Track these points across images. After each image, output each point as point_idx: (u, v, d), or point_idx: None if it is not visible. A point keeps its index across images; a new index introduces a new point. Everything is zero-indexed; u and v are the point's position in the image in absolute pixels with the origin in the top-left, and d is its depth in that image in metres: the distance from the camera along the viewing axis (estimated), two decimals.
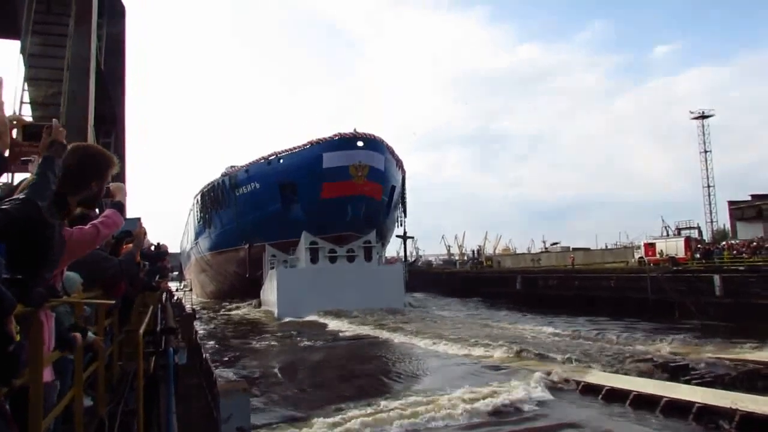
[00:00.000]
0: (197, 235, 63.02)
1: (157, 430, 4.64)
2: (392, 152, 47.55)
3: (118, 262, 4.33)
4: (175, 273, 63.05)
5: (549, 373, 16.57)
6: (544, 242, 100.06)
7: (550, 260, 65.07)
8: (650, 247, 45.63)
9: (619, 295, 37.29)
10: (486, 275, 59.37)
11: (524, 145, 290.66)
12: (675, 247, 43.23)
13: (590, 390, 15.24)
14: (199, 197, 60.33)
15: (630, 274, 39.12)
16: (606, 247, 75.46)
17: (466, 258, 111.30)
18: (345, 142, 44.11)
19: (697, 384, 14.91)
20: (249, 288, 49.24)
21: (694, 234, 51.56)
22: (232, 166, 54.80)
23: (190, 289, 41.45)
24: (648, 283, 35.01)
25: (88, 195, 2.82)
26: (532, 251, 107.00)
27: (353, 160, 43.68)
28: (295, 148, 46.26)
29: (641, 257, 45.52)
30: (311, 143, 45.09)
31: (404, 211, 54.12)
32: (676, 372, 16.62)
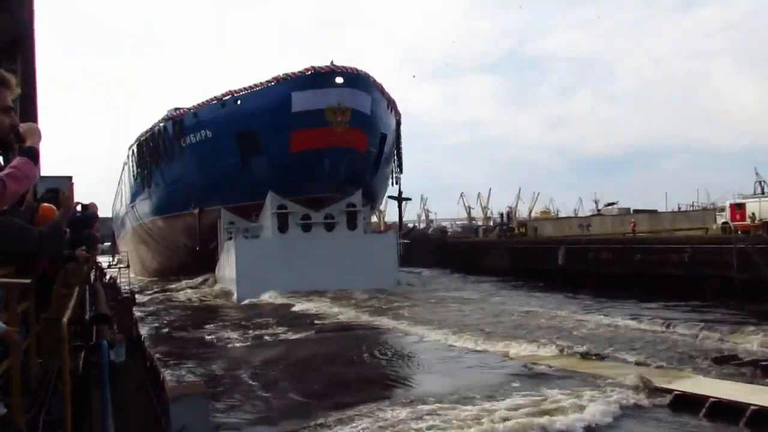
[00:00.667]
0: (134, 196, 63.78)
1: None
2: (382, 91, 48.03)
3: (38, 234, 4.36)
4: (107, 244, 62.87)
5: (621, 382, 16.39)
6: (596, 202, 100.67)
7: (604, 226, 65.41)
8: (738, 209, 45.81)
9: (695, 272, 37.52)
10: (517, 246, 59.71)
11: (570, 72, 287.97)
12: None
13: (685, 403, 14.71)
14: (135, 148, 60.38)
15: (710, 244, 39.36)
16: (678, 208, 75.73)
17: (492, 223, 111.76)
18: (320, 78, 44.02)
19: None
20: (201, 264, 50.34)
21: None
22: (176, 109, 54.77)
23: (127, 266, 41.75)
24: (734, 257, 35.20)
25: None
26: (580, 214, 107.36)
27: (330, 102, 43.83)
28: (256, 85, 46.36)
29: (726, 222, 45.74)
30: (276, 80, 45.15)
31: (399, 166, 55.40)
32: None
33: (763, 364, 17.59)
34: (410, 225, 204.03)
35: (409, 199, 73.91)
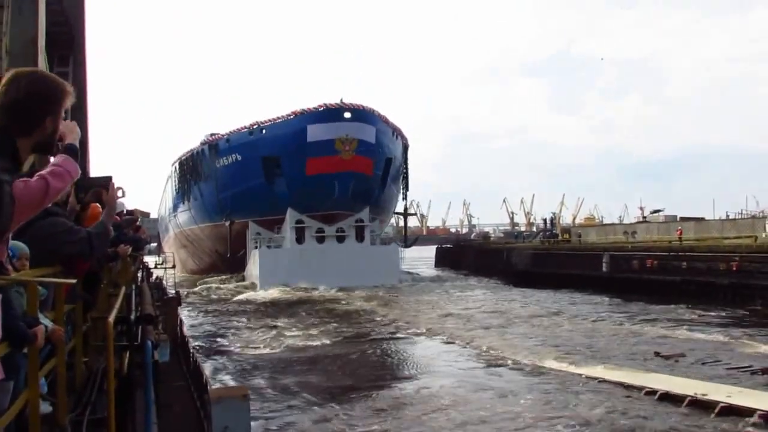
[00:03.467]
0: (175, 206, 72.95)
1: None
2: (386, 121, 55.64)
3: (87, 235, 4.39)
4: (153, 245, 66.16)
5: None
6: (641, 209, 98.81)
7: (650, 233, 64.34)
8: None
9: (744, 281, 36.73)
10: (560, 252, 59.02)
11: (618, 75, 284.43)
12: None
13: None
14: (177, 165, 69.50)
15: (759, 253, 38.44)
16: (727, 216, 74.17)
17: (535, 229, 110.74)
18: (330, 113, 51.67)
19: None
20: (232, 267, 57.59)
21: None
22: (212, 134, 62.92)
23: (173, 266, 42.41)
24: None
25: (42, 136, 2.82)
26: (625, 221, 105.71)
27: (339, 133, 51.31)
28: (278, 118, 54.14)
29: None
30: (295, 114, 52.93)
31: (406, 185, 63.69)
32: None
33: None
34: (452, 230, 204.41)
35: (414, 214, 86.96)
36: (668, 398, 15.47)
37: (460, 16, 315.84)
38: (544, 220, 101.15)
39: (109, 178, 6.31)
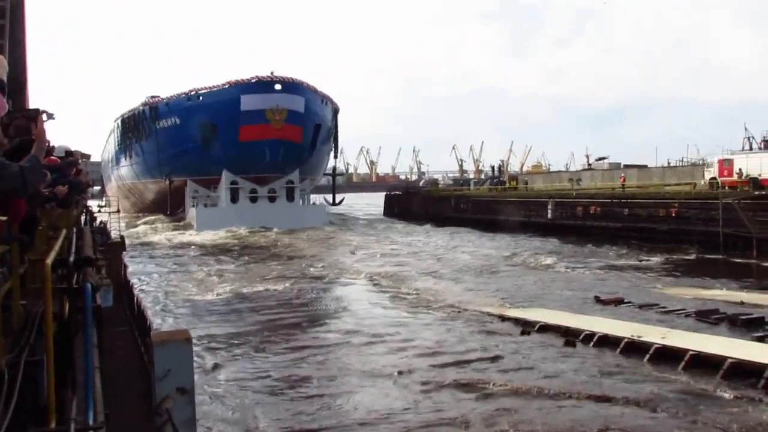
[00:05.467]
0: (117, 160, 77.91)
1: (73, 388, 4.77)
2: (315, 91, 60.99)
3: (19, 169, 4.27)
4: (96, 188, 66.47)
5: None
6: (587, 156, 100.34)
7: (595, 180, 65.52)
8: (726, 164, 45.85)
9: (681, 227, 37.89)
10: (506, 199, 59.81)
11: (568, 21, 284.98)
12: (759, 165, 43.42)
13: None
14: (119, 121, 74.34)
15: (697, 199, 39.58)
16: (668, 164, 75.83)
17: (483, 176, 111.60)
18: (262, 85, 56.64)
19: None
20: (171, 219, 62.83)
21: None
22: (153, 96, 67.58)
23: (117, 210, 41.50)
24: (720, 212, 35.46)
25: None
26: (571, 168, 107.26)
27: (270, 104, 56.13)
28: (215, 86, 58.41)
29: (713, 178, 45.83)
30: (230, 83, 57.33)
31: (335, 147, 70.44)
32: (748, 327, 17.21)
33: (743, 318, 17.83)
34: (401, 177, 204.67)
35: (342, 174, 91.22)
36: (606, 341, 16.03)
37: None
38: (492, 168, 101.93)
39: (36, 111, 6.06)
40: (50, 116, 9.47)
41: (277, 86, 56.58)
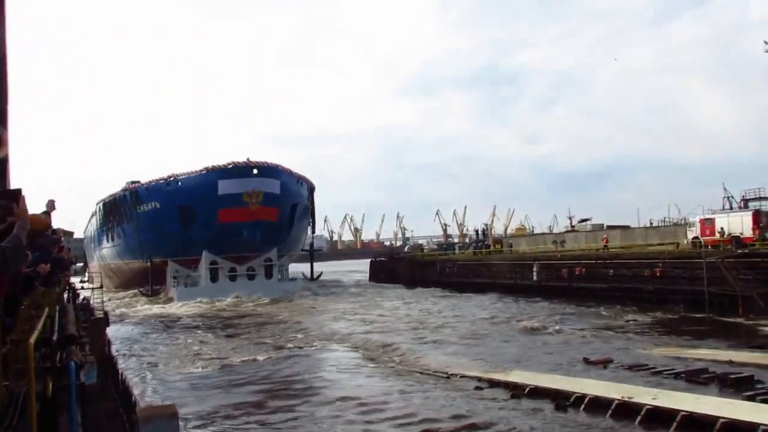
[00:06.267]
0: (99, 241, 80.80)
1: None
2: (291, 173, 64.30)
3: (1, 250, 4.28)
4: (79, 265, 67.07)
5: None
6: (570, 218, 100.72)
7: (579, 241, 65.80)
8: (707, 224, 46.31)
9: (667, 286, 38.00)
10: (490, 263, 59.95)
11: (547, 87, 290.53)
12: (740, 224, 43.90)
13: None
14: (101, 205, 77.89)
15: (681, 259, 39.81)
16: (651, 224, 76.39)
17: (468, 240, 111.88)
18: (239, 170, 59.49)
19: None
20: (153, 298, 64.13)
21: (766, 207, 52.27)
22: (133, 182, 70.35)
23: (101, 285, 41.26)
24: (704, 271, 35.64)
25: None
26: (555, 230, 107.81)
27: (247, 188, 59.08)
28: (193, 172, 61.44)
29: (696, 237, 46.23)
30: (207, 169, 60.14)
31: (312, 222, 74.37)
32: (738, 386, 17.20)
33: (732, 377, 17.79)
34: (386, 243, 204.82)
35: (320, 250, 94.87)
36: (597, 403, 15.89)
37: (390, 29, 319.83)
38: (476, 231, 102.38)
39: (18, 191, 6.08)
40: (52, 204, 9.56)
41: (254, 171, 59.71)
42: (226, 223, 58.59)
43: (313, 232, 76.76)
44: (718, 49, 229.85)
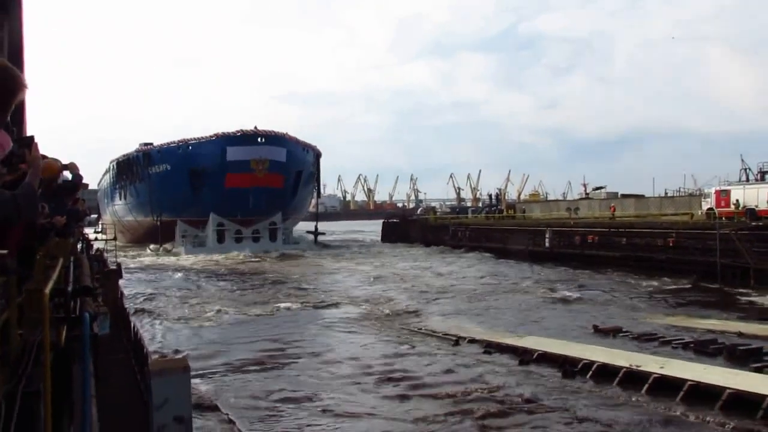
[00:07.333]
0: (112, 198, 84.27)
1: (70, 417, 4.75)
2: (296, 141, 68.46)
3: (12, 198, 4.26)
4: (93, 216, 68.69)
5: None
6: (584, 186, 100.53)
7: (592, 209, 65.65)
8: (723, 195, 46.00)
9: (679, 256, 37.87)
10: (502, 227, 59.89)
11: (565, 53, 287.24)
12: (756, 196, 43.56)
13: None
14: (115, 164, 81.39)
15: (694, 230, 39.61)
16: (665, 194, 76.01)
17: (480, 204, 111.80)
18: (246, 138, 63.29)
19: None
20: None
21: None
22: (146, 144, 73.94)
23: (114, 237, 41.56)
24: (717, 242, 35.46)
25: None
26: (569, 197, 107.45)
27: (254, 155, 62.82)
28: (202, 137, 64.97)
29: (710, 208, 45.96)
30: (216, 135, 64.13)
31: (318, 190, 78.48)
32: (746, 357, 17.20)
33: (741, 348, 17.81)
34: (399, 205, 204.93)
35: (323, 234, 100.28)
36: (604, 371, 15.96)
37: None
38: (490, 196, 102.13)
39: (31, 137, 6.07)
40: (79, 178, 9.54)
41: (260, 139, 63.56)
42: (233, 188, 61.95)
43: (318, 196, 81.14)
44: (740, 19, 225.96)
